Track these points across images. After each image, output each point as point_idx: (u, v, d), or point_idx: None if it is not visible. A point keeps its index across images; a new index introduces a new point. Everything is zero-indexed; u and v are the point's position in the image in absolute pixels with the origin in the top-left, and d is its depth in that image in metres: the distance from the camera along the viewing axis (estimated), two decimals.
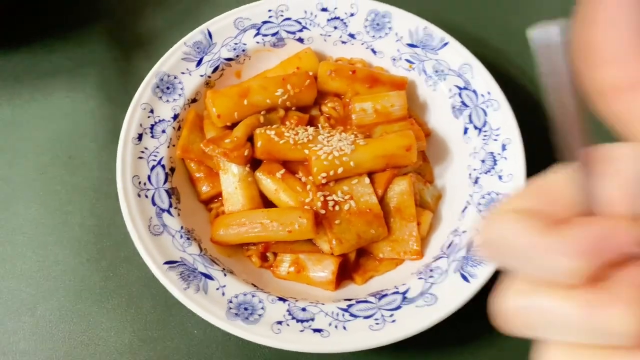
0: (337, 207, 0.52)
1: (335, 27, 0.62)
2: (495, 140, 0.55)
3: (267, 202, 0.55)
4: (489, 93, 0.57)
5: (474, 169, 0.56)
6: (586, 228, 0.21)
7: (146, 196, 0.52)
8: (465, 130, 0.57)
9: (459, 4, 0.74)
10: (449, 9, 0.73)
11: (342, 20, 0.62)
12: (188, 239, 0.51)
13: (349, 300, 0.50)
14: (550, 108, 0.22)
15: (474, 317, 0.52)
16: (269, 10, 0.62)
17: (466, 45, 0.60)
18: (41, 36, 0.68)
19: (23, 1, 0.70)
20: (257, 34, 0.61)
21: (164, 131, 0.55)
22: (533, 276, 0.22)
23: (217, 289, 0.48)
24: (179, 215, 0.52)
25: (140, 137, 0.54)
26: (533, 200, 0.23)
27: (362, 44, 0.62)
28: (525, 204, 0.23)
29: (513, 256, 0.22)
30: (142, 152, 0.54)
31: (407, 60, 0.61)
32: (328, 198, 0.53)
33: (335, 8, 0.62)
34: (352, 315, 0.48)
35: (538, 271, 0.22)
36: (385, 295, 0.50)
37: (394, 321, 0.47)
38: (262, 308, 0.48)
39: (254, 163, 0.55)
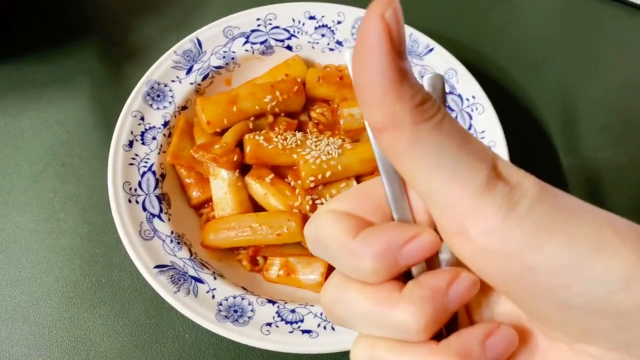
0: None
1: (323, 35, 0.63)
2: None
3: (256, 207, 0.56)
4: (473, 97, 0.58)
5: None
6: (383, 232, 0.23)
7: (137, 202, 0.52)
8: None
9: (442, 11, 0.75)
10: (434, 16, 0.74)
11: (329, 28, 0.63)
12: (178, 243, 0.52)
13: None
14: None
15: None
16: (258, 19, 0.63)
17: (451, 51, 0.61)
18: (33, 47, 0.69)
19: (15, 13, 0.71)
20: (246, 42, 0.62)
21: (154, 138, 0.56)
22: (345, 272, 0.24)
23: (207, 292, 0.49)
24: (169, 220, 0.53)
25: (131, 144, 0.55)
26: (351, 203, 0.24)
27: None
28: (343, 207, 0.24)
29: (327, 253, 0.24)
30: (133, 158, 0.55)
31: None
32: (317, 201, 0.54)
33: (323, 16, 0.63)
34: None
35: (345, 269, 0.23)
36: None
37: None
38: (252, 310, 0.49)
39: (244, 168, 0.56)
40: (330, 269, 0.53)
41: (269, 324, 0.48)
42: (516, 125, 0.59)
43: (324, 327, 0.48)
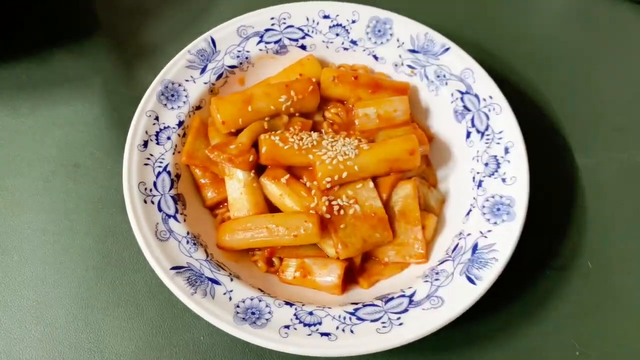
0: (342, 212, 0.53)
1: (337, 34, 0.63)
2: (498, 143, 0.56)
3: (272, 208, 0.55)
4: (490, 97, 0.58)
5: (478, 172, 0.56)
6: None
7: (152, 202, 0.52)
8: (468, 134, 0.58)
9: (458, 11, 0.75)
10: (449, 15, 0.74)
11: (343, 27, 0.62)
12: (194, 244, 0.51)
13: (356, 304, 0.50)
14: None
15: (481, 319, 0.53)
16: (272, 18, 0.62)
17: (466, 51, 0.60)
18: (45, 47, 0.69)
19: (26, 13, 0.71)
20: (260, 41, 0.62)
21: (169, 138, 0.56)
22: None
23: (224, 293, 0.49)
24: (185, 221, 0.53)
25: (145, 144, 0.54)
26: None
27: (364, 50, 0.62)
28: None
29: None
30: (148, 158, 0.54)
31: (409, 66, 0.61)
32: (333, 202, 0.53)
33: (337, 15, 0.63)
34: (359, 318, 0.48)
35: None
36: (392, 298, 0.50)
37: (401, 324, 0.47)
38: (270, 312, 0.48)
39: (259, 169, 0.55)
40: (346, 271, 0.52)
41: (287, 327, 0.47)
42: (532, 126, 0.58)
43: (343, 330, 0.47)
